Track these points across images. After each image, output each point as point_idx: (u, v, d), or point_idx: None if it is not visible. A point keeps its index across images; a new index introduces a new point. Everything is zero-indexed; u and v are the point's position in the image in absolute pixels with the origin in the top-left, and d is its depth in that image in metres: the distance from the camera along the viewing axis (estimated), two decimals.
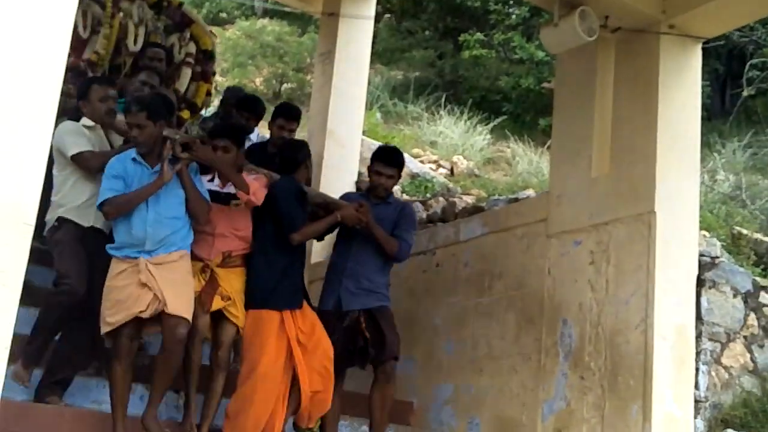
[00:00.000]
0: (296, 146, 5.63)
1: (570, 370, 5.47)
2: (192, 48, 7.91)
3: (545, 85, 13.24)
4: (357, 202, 5.37)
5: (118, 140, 5.27)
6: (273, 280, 5.07)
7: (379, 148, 5.71)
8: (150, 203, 4.71)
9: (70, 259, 4.83)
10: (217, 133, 5.20)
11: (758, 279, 5.94)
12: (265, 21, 17.37)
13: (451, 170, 10.80)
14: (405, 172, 9.73)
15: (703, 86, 13.60)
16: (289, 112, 6.48)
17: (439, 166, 10.85)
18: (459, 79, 15.46)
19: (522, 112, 14.16)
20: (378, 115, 12.71)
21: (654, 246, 5.17)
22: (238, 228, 5.13)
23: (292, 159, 5.41)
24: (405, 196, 8.71)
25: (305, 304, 5.17)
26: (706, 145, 11.69)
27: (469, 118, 12.46)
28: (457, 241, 6.61)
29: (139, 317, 4.54)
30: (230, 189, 5.13)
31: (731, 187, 9.82)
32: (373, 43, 9.68)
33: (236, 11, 18.19)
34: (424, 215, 8.00)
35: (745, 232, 6.95)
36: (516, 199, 7.27)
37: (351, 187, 8.23)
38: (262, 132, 8.17)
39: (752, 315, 5.69)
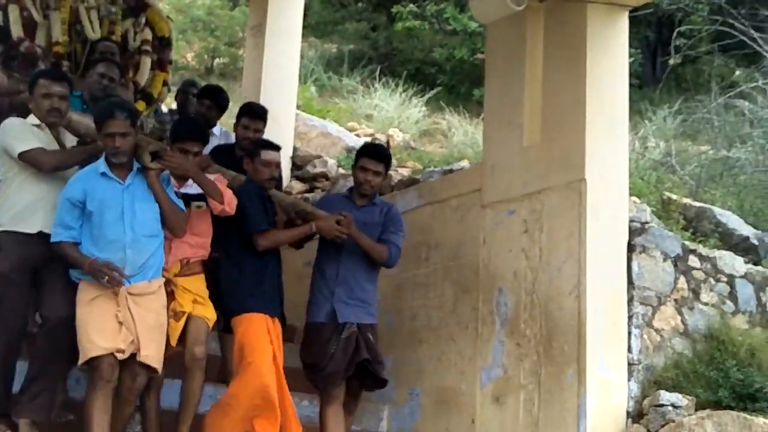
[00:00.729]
0: (262, 143, 5.37)
1: (506, 338, 5.54)
2: (148, 35, 7.50)
3: (479, 56, 13.26)
4: (338, 213, 5.12)
5: (71, 142, 4.85)
6: (249, 285, 4.92)
7: (366, 144, 5.52)
8: (126, 221, 4.37)
9: (8, 291, 4.41)
10: (187, 135, 4.83)
11: (687, 243, 6.04)
12: None
13: (387, 143, 10.78)
14: (341, 145, 9.74)
15: (634, 54, 13.82)
16: (252, 111, 6.10)
17: (375, 139, 10.83)
18: (393, 52, 15.43)
19: (457, 83, 14.20)
20: (312, 89, 12.62)
21: (585, 213, 5.24)
22: (197, 233, 4.85)
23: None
24: (341, 170, 8.66)
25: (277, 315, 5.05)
26: (637, 112, 11.89)
27: (404, 91, 12.44)
28: None
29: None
30: (189, 189, 4.86)
31: (662, 153, 9.98)
32: (306, 15, 9.61)
33: None
34: None
35: (674, 197, 7.05)
36: (451, 171, 7.29)
37: (286, 163, 8.18)
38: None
39: (682, 278, 5.78)
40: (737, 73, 13.75)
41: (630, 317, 5.43)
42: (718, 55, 12.76)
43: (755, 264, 6.46)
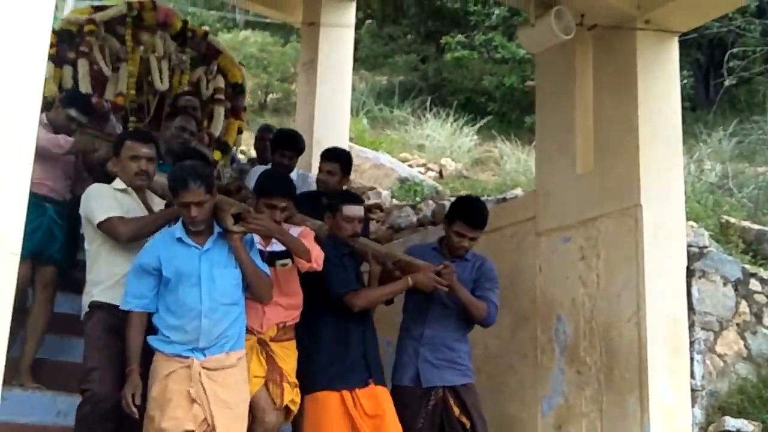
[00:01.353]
0: (343, 196, 4.94)
1: (566, 366, 5.51)
2: (221, 82, 7.37)
3: (529, 83, 13.28)
4: (440, 264, 4.68)
5: (159, 204, 4.59)
6: (324, 358, 4.50)
7: (465, 207, 4.97)
8: (204, 289, 4.02)
9: (98, 357, 4.12)
10: (276, 191, 4.47)
11: (747, 266, 5.98)
12: (248, 32, 17.39)
13: (440, 173, 10.85)
14: (394, 176, 9.82)
15: (686, 77, 13.73)
16: (332, 155, 5.60)
17: (428, 169, 10.90)
18: (443, 82, 15.52)
19: (507, 111, 14.23)
20: (364, 121, 12.76)
21: (642, 239, 5.21)
22: (288, 294, 4.49)
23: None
24: (395, 201, 8.73)
25: (371, 381, 4.56)
26: (692, 135, 11.79)
27: (455, 120, 12.52)
28: None
29: None
30: (274, 247, 4.49)
31: (718, 176, 9.87)
32: (356, 49, 9.74)
33: (218, 24, 18.20)
34: (414, 219, 8.03)
35: (732, 220, 6.99)
36: (504, 199, 7.31)
37: None
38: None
39: (743, 302, 5.73)
40: None
41: (692, 343, 5.38)
42: None
43: None
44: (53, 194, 5.45)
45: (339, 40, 8.70)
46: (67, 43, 6.66)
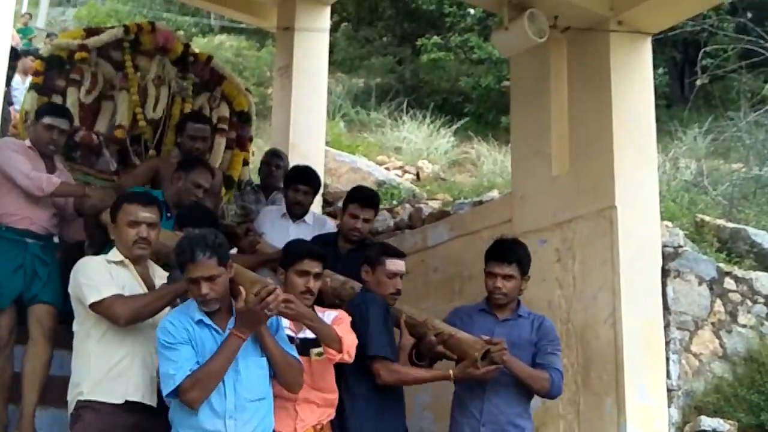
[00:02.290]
0: (385, 249, 4.46)
1: None
2: (225, 110, 6.67)
3: (506, 83, 13.33)
4: (488, 339, 4.03)
5: (162, 277, 3.97)
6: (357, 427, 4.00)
7: (494, 244, 4.47)
8: (227, 383, 3.42)
9: None
10: (308, 253, 3.93)
11: (722, 265, 6.03)
12: (223, 37, 17.35)
13: (417, 175, 10.86)
14: (371, 180, 9.81)
15: (661, 74, 13.78)
16: (364, 198, 5.13)
17: (405, 171, 10.91)
18: (420, 84, 15.55)
19: (484, 111, 14.27)
20: (341, 124, 12.76)
21: (617, 240, 5.23)
22: (324, 389, 3.87)
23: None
24: None
25: None
26: (667, 133, 11.87)
27: (432, 122, 12.55)
28: (425, 247, 6.66)
29: None
30: (307, 333, 3.86)
31: (693, 173, 9.94)
32: (332, 52, 9.73)
33: (193, 29, 18.15)
34: (391, 223, 8.04)
35: (707, 219, 7.03)
36: (481, 202, 7.33)
37: (318, 199, 8.24)
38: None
39: (718, 301, 5.77)
40: (766, 85, 13.70)
41: (667, 343, 5.42)
42: (745, 73, 12.70)
43: None
44: (35, 227, 4.86)
45: (314, 45, 8.66)
46: (56, 70, 6.06)
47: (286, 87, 8.57)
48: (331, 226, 5.64)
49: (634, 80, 5.58)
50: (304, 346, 3.81)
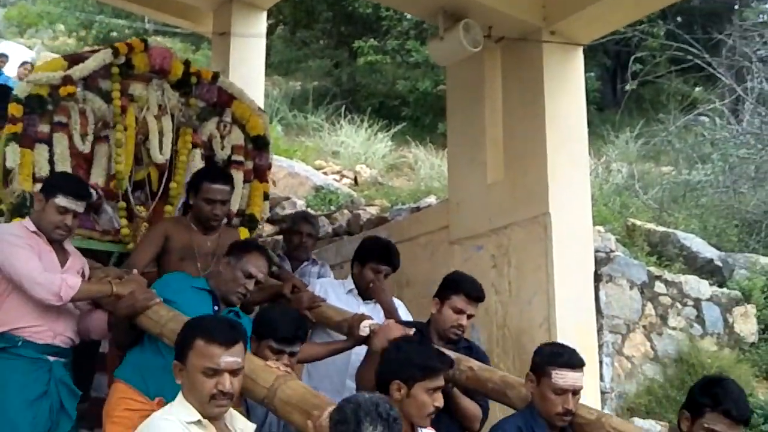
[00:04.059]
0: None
1: None
2: (239, 137, 5.51)
3: (442, 87, 13.43)
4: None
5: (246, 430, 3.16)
6: None
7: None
8: None
9: None
10: (441, 368, 3.34)
11: (653, 269, 6.18)
12: (158, 39, 17.13)
13: (355, 180, 10.88)
14: (309, 185, 9.81)
15: (593, 79, 14.00)
16: (476, 293, 4.29)
17: (343, 176, 10.92)
18: (357, 87, 15.57)
19: (421, 115, 14.34)
20: (278, 128, 12.69)
21: (551, 246, 5.34)
22: None
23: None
24: (310, 210, 8.74)
25: None
26: (599, 137, 12.11)
27: (369, 126, 12.57)
28: None
29: None
30: None
31: (625, 177, 10.16)
32: (268, 54, 9.69)
33: (127, 30, 17.88)
34: (329, 229, 8.05)
35: (638, 223, 7.21)
36: (418, 208, 7.39)
37: None
38: None
39: (649, 305, 5.92)
40: (696, 90, 14.07)
41: (600, 346, 5.54)
42: (675, 78, 13.02)
43: (720, 286, 6.62)
44: (59, 340, 3.96)
45: (251, 50, 8.64)
46: (37, 113, 4.83)
47: None
48: (404, 309, 4.82)
49: (567, 89, 5.69)
50: None
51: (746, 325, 6.42)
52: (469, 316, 4.20)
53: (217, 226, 4.68)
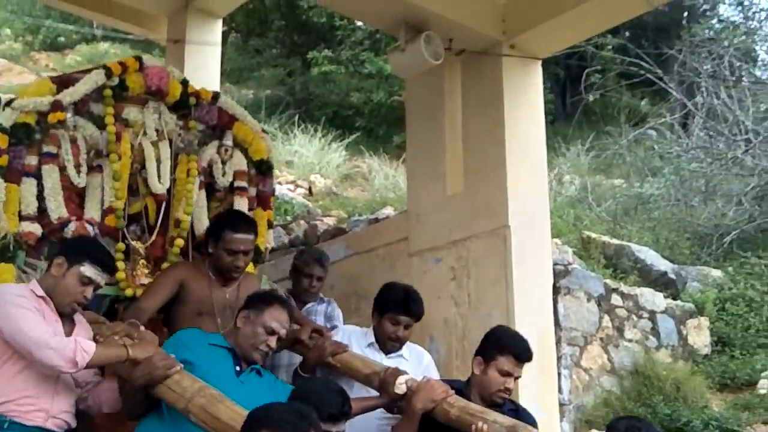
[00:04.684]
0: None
1: None
2: (241, 162, 5.06)
3: (396, 98, 13.46)
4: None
5: None
6: None
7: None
8: None
9: None
10: None
11: (609, 282, 6.24)
12: (107, 45, 16.91)
13: (309, 190, 10.83)
14: None
15: (546, 91, 14.15)
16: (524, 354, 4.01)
17: (297, 186, 10.86)
18: (310, 96, 15.52)
19: (375, 126, 14.35)
20: None
21: (510, 259, 5.34)
22: None
23: None
24: None
25: None
26: (551, 149, 12.18)
27: (323, 136, 12.53)
28: None
29: None
30: None
31: (578, 189, 10.26)
32: (222, 62, 9.59)
33: (75, 35, 17.61)
34: (286, 240, 7.99)
35: (594, 235, 7.28)
36: (376, 219, 7.37)
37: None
38: None
39: (606, 317, 5.97)
40: (644, 103, 14.29)
41: (559, 358, 5.55)
42: (626, 91, 13.22)
43: (674, 298, 6.71)
44: (51, 423, 3.48)
45: (205, 57, 8.55)
46: (24, 144, 4.35)
47: None
48: (429, 361, 4.53)
49: (526, 102, 5.71)
50: None
51: (699, 337, 6.51)
52: (517, 378, 3.92)
53: (237, 278, 4.30)
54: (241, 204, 4.95)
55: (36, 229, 4.24)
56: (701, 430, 5.37)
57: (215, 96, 5.05)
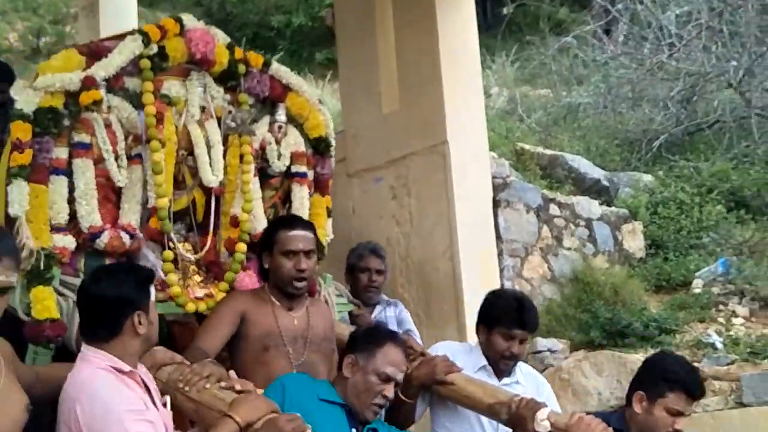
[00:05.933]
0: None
1: None
2: (299, 142, 4.07)
3: (323, 14, 13.15)
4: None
5: None
6: None
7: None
8: None
9: None
10: None
11: (546, 192, 6.29)
12: None
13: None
14: None
15: None
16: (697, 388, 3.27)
17: None
18: (228, 17, 15.08)
19: (298, 47, 14.06)
20: None
21: (450, 175, 5.34)
22: None
23: None
24: None
25: None
26: None
27: None
28: None
29: None
30: None
31: (506, 101, 10.26)
32: None
33: None
34: None
35: (527, 147, 7.31)
36: None
37: None
38: None
39: (545, 227, 6.04)
40: (565, 10, 14.26)
41: (501, 270, 5.61)
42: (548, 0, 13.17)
43: (608, 205, 6.81)
44: None
45: None
46: (51, 133, 3.40)
47: (93, 27, 8.09)
48: (550, 391, 3.65)
49: (459, 15, 5.63)
50: None
51: (634, 241, 6.64)
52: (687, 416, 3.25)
53: (303, 292, 3.58)
54: (302, 193, 4.09)
55: (70, 243, 3.42)
56: (642, 331, 5.52)
57: (266, 63, 4.05)
